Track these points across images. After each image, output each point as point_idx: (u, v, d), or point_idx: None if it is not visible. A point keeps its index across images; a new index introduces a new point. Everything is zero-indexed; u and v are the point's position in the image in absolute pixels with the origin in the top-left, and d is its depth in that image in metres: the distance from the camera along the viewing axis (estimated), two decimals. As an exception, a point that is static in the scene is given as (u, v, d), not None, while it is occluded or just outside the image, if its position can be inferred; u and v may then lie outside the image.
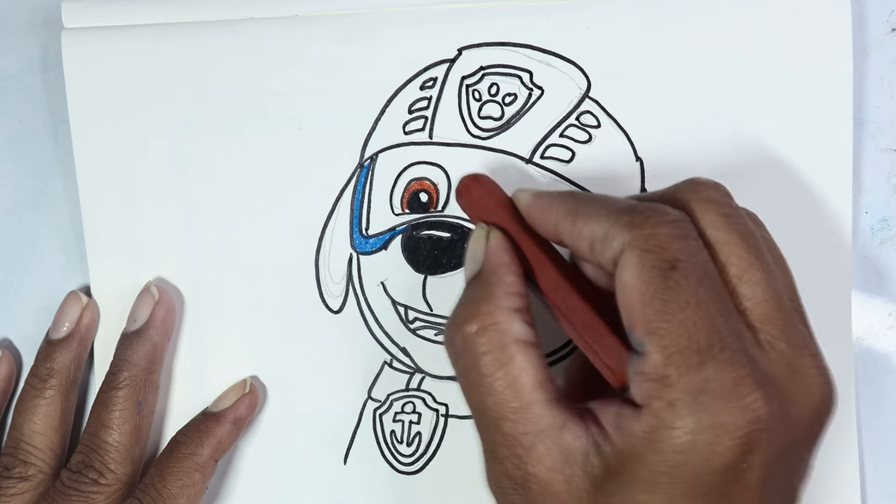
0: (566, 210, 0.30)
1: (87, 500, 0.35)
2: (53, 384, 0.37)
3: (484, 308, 0.29)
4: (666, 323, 0.26)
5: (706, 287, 0.26)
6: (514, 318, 0.29)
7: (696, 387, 0.25)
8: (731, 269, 0.28)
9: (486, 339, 0.29)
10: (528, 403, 0.28)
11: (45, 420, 0.37)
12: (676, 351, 0.26)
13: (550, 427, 0.28)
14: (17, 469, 0.36)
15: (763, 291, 0.27)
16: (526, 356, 0.29)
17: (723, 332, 0.26)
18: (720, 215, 0.28)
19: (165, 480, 0.35)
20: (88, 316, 0.38)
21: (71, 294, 0.38)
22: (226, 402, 0.37)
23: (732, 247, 0.28)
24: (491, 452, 0.29)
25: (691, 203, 0.29)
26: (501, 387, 0.28)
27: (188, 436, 0.37)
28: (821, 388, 0.27)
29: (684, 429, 0.25)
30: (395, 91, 0.38)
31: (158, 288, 0.38)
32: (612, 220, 0.28)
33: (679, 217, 0.28)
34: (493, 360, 0.29)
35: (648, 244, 0.27)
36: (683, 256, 0.27)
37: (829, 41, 0.37)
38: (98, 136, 0.38)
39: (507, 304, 0.30)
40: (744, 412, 0.25)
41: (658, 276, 0.26)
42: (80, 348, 0.38)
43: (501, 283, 0.30)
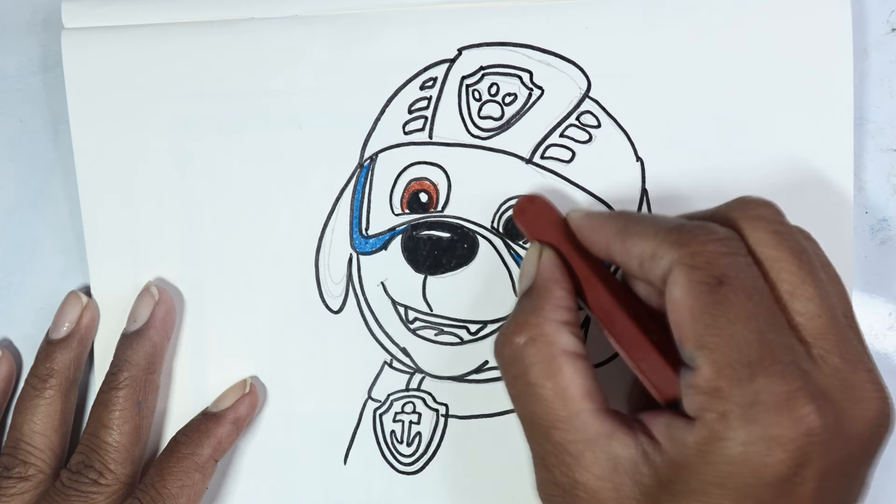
0: (616, 229, 0.31)
1: (87, 500, 0.35)
2: (53, 384, 0.37)
3: (533, 320, 0.31)
4: (716, 337, 0.26)
5: (755, 301, 0.27)
6: (562, 331, 0.30)
7: (748, 399, 0.26)
8: (782, 285, 0.28)
9: (534, 350, 0.30)
10: (576, 412, 0.29)
11: (45, 420, 0.37)
12: (727, 364, 0.26)
13: (599, 436, 0.28)
14: (17, 469, 0.36)
15: (815, 307, 0.28)
16: (574, 367, 0.29)
17: (774, 345, 0.26)
18: (771, 232, 0.29)
19: (165, 480, 0.35)
20: (88, 316, 0.38)
21: (71, 294, 0.38)
22: (226, 402, 0.37)
23: (783, 263, 0.28)
24: (539, 460, 0.30)
25: (741, 221, 0.29)
26: (550, 396, 0.29)
27: (188, 436, 0.37)
28: (877, 404, 0.27)
29: (736, 440, 0.26)
30: (394, 91, 0.38)
31: (158, 288, 0.38)
32: (661, 238, 0.29)
33: (726, 234, 0.28)
34: (541, 371, 0.30)
35: (696, 261, 0.27)
36: (731, 272, 0.27)
37: (829, 41, 0.37)
38: (98, 136, 0.38)
39: (555, 316, 0.31)
40: (796, 425, 0.25)
41: (706, 291, 0.27)
42: (80, 348, 0.38)
43: (551, 297, 0.31)
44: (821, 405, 0.26)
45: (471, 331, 0.38)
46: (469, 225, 0.37)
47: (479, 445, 0.38)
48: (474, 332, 0.38)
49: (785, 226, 0.29)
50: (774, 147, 0.37)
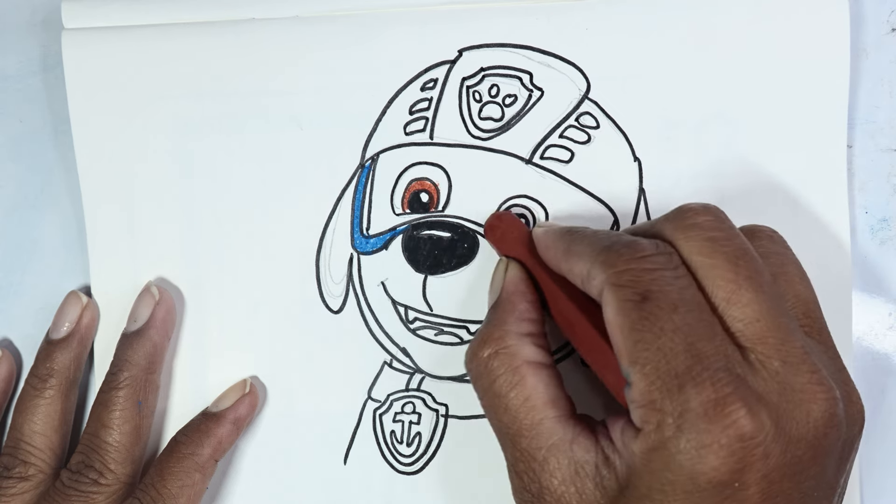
0: (563, 248, 0.32)
1: (87, 500, 0.35)
2: (53, 384, 0.37)
3: (496, 333, 0.32)
4: (644, 352, 0.27)
5: (682, 313, 0.27)
6: (524, 342, 0.31)
7: (679, 408, 0.26)
8: (718, 292, 0.28)
9: (498, 363, 0.31)
10: (539, 420, 0.30)
11: (45, 420, 0.37)
12: (657, 377, 0.27)
13: (561, 441, 0.29)
14: (17, 469, 0.36)
15: (753, 311, 0.28)
16: (537, 376, 0.31)
17: (703, 353, 0.27)
18: (704, 240, 0.29)
19: (165, 480, 0.35)
20: (88, 316, 0.38)
21: (71, 294, 0.38)
22: (226, 402, 0.37)
23: (718, 270, 0.28)
24: (511, 468, 0.31)
25: (675, 231, 0.30)
26: (515, 405, 0.30)
27: (188, 436, 0.37)
28: (822, 405, 0.27)
29: (672, 449, 0.26)
30: (395, 92, 0.38)
31: (159, 288, 0.38)
32: (593, 259, 0.30)
33: (653, 250, 0.29)
34: (505, 381, 0.31)
35: (621, 280, 0.28)
36: (655, 287, 0.28)
37: (827, 41, 0.37)
38: (99, 136, 0.38)
39: (518, 329, 0.32)
40: (727, 430, 0.26)
41: (632, 308, 0.28)
42: (80, 348, 0.38)
43: (514, 309, 0.32)
44: (754, 409, 0.26)
45: (471, 331, 0.38)
46: (469, 225, 0.37)
47: (479, 445, 0.38)
48: (474, 333, 0.38)
49: (723, 231, 0.29)
50: (772, 147, 0.37)
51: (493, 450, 0.38)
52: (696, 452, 0.26)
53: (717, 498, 0.26)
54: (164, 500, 0.35)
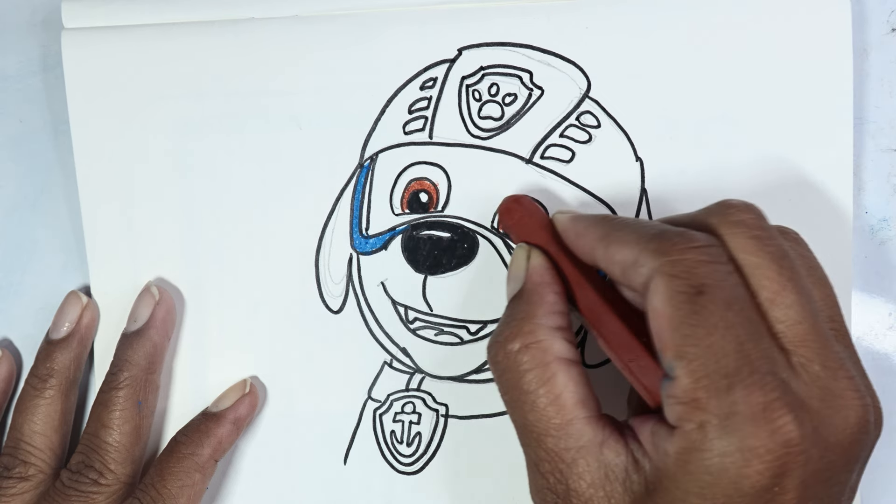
0: (599, 234, 0.30)
1: (87, 500, 0.35)
2: (53, 384, 0.37)
3: (526, 327, 0.30)
4: (694, 347, 0.26)
5: (735, 311, 0.27)
6: (555, 337, 0.30)
7: (726, 410, 0.26)
8: (762, 292, 0.28)
9: (528, 357, 0.30)
10: (569, 420, 0.29)
11: (45, 420, 0.37)
12: (705, 374, 0.26)
13: (591, 444, 0.28)
14: (17, 469, 0.36)
15: (796, 314, 0.27)
16: (568, 374, 0.30)
17: (752, 355, 0.26)
18: (750, 238, 0.28)
19: (165, 480, 0.35)
20: (88, 316, 0.38)
21: (71, 294, 0.38)
22: (226, 402, 0.37)
23: (764, 270, 0.28)
24: (534, 466, 0.30)
25: (721, 227, 0.29)
26: (544, 404, 0.29)
27: (188, 436, 0.37)
28: (857, 412, 0.27)
29: (714, 451, 0.26)
30: (395, 91, 0.38)
31: (159, 288, 0.38)
32: (642, 246, 0.28)
33: (707, 242, 0.28)
34: (535, 378, 0.30)
35: (675, 270, 0.27)
36: (711, 281, 0.27)
37: (829, 41, 0.37)
38: (98, 136, 0.38)
39: (548, 322, 0.31)
40: (774, 436, 0.25)
41: (685, 301, 0.27)
42: (80, 348, 0.38)
43: (543, 301, 0.31)
44: (799, 415, 0.26)
45: (471, 331, 0.38)
46: (469, 225, 0.37)
47: (479, 445, 0.38)
48: (474, 332, 0.38)
49: (766, 230, 0.29)
50: (774, 147, 0.37)
51: (493, 450, 0.38)
52: (742, 456, 0.25)
53: (756, 502, 0.26)
54: (164, 500, 0.35)
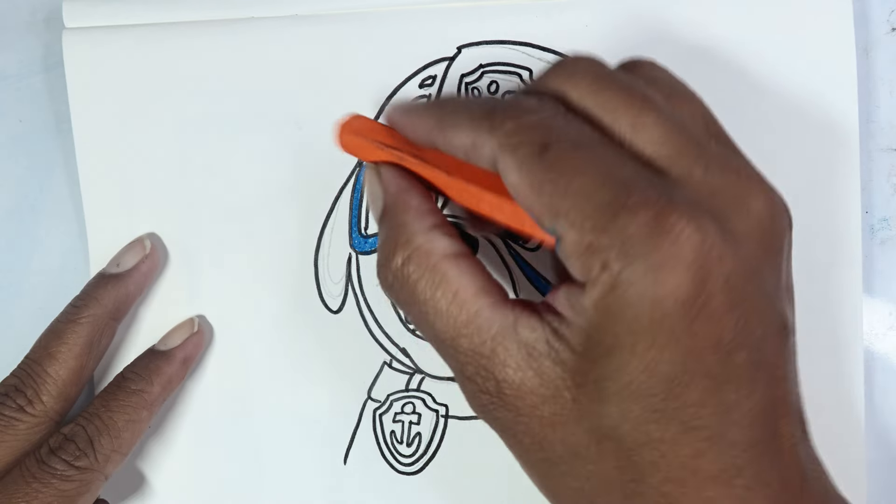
0: (433, 123, 0.29)
1: (6, 425, 0.34)
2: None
3: (401, 238, 0.29)
4: (562, 199, 0.25)
5: (586, 149, 0.26)
6: (434, 236, 0.29)
7: (619, 238, 0.24)
8: (618, 124, 0.27)
9: (414, 266, 0.28)
10: (475, 312, 0.27)
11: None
12: (584, 217, 0.25)
13: (504, 328, 0.27)
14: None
15: (661, 132, 0.26)
16: (458, 268, 0.28)
17: (623, 179, 0.25)
18: (593, 80, 0.27)
19: (112, 412, 0.35)
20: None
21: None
22: (174, 340, 0.37)
23: (613, 103, 0.27)
24: (460, 374, 0.28)
25: (560, 83, 0.28)
26: (444, 305, 0.28)
27: (137, 373, 0.36)
28: (758, 199, 0.26)
29: (625, 283, 0.24)
30: (394, 89, 0.38)
31: (152, 243, 0.38)
32: (475, 127, 0.27)
33: (538, 103, 0.27)
34: (427, 284, 0.28)
35: (514, 140, 0.26)
36: (552, 134, 0.26)
37: (831, 41, 0.37)
38: (99, 135, 0.38)
39: (421, 225, 0.29)
40: (676, 244, 0.24)
41: (534, 163, 0.26)
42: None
43: (408, 207, 0.29)
44: (695, 216, 0.24)
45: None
46: (469, 224, 0.37)
47: (479, 446, 0.38)
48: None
49: (606, 69, 0.28)
50: (778, 147, 0.37)
51: (493, 450, 0.38)
52: (654, 276, 0.24)
53: (687, 319, 0.24)
54: (109, 431, 0.34)
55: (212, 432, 0.39)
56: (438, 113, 0.29)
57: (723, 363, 0.25)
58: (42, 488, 0.33)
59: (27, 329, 0.39)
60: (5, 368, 0.36)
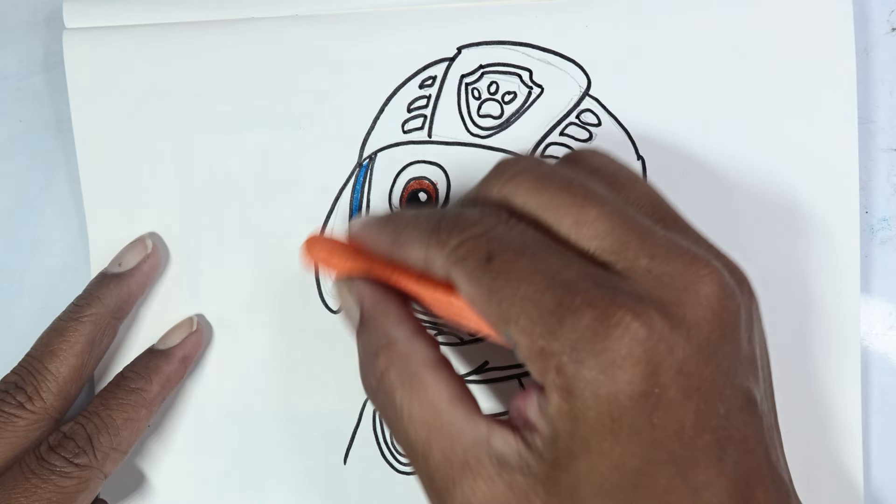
0: (389, 239, 0.30)
1: (6, 421, 0.34)
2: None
3: (382, 343, 0.29)
4: (511, 307, 0.26)
5: (530, 254, 0.26)
6: (413, 342, 0.29)
7: (568, 342, 0.25)
8: (563, 222, 0.27)
9: (394, 372, 0.28)
10: (449, 422, 0.27)
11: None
12: (533, 324, 0.25)
13: (476, 439, 0.27)
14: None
15: (604, 224, 0.27)
16: (436, 377, 0.28)
17: (567, 281, 0.25)
18: (533, 182, 0.28)
19: (111, 410, 0.35)
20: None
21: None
22: (173, 339, 0.37)
23: (555, 201, 0.27)
24: (430, 488, 0.28)
25: (503, 187, 0.29)
26: (418, 413, 0.28)
27: (136, 371, 0.36)
28: (706, 281, 0.26)
29: (581, 384, 0.24)
30: (394, 90, 0.38)
31: (153, 243, 0.38)
32: (425, 243, 0.28)
33: (479, 215, 0.28)
34: (405, 391, 0.28)
35: (460, 254, 0.27)
36: (494, 244, 0.26)
37: (830, 40, 0.37)
38: (100, 135, 0.38)
39: (401, 331, 0.29)
40: (621, 341, 0.24)
41: (481, 274, 0.26)
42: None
43: (387, 314, 0.30)
44: (639, 310, 0.25)
45: (471, 330, 0.38)
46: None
47: (479, 446, 0.38)
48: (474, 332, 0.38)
49: (545, 168, 0.28)
50: (776, 146, 0.37)
51: (492, 450, 0.38)
52: (605, 375, 0.24)
53: (644, 412, 0.24)
54: (108, 429, 0.34)
55: (212, 432, 0.39)
56: (393, 229, 0.30)
57: (687, 447, 0.25)
58: (41, 484, 0.33)
59: (27, 329, 0.40)
60: (5, 368, 0.36)
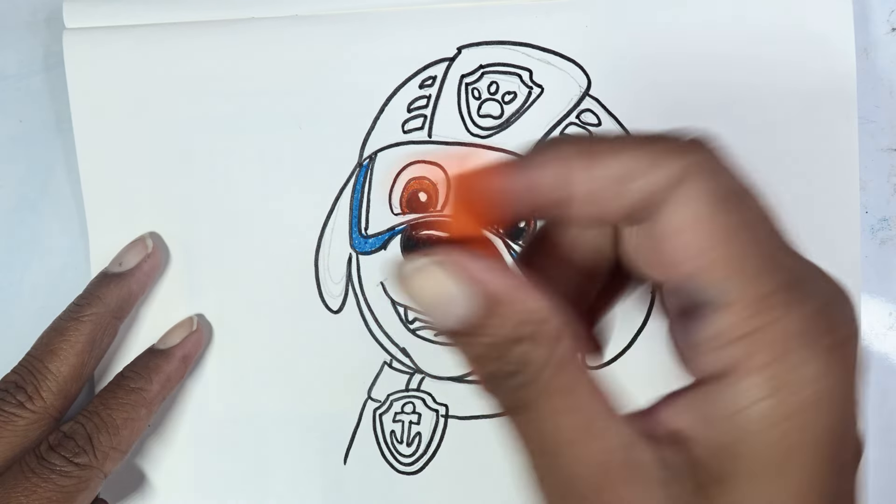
0: (579, 151, 0.21)
1: (6, 420, 0.34)
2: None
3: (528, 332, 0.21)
4: (756, 258, 0.20)
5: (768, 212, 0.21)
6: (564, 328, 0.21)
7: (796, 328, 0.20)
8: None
9: (551, 371, 0.21)
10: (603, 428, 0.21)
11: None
12: (769, 292, 0.20)
13: (620, 446, 0.21)
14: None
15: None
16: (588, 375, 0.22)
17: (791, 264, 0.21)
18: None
19: (112, 410, 0.35)
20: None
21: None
22: (174, 339, 0.37)
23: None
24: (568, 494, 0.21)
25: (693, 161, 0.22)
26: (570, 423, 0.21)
27: (136, 371, 0.36)
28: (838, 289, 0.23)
29: (804, 379, 0.19)
30: (394, 90, 0.38)
31: (154, 242, 0.38)
32: (653, 143, 0.21)
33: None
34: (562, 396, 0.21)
35: (718, 166, 0.21)
36: (748, 183, 0.21)
37: (830, 41, 0.37)
38: (100, 135, 0.38)
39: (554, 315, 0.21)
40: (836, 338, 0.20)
41: (740, 199, 0.21)
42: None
43: (528, 293, 0.21)
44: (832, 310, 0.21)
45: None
46: (471, 224, 0.37)
47: (479, 446, 0.38)
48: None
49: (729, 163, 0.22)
50: (777, 146, 0.37)
51: (493, 450, 0.38)
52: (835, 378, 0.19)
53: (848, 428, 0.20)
54: (108, 429, 0.34)
55: (212, 432, 0.39)
56: (589, 141, 0.22)
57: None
58: (41, 483, 0.33)
59: (27, 329, 0.39)
60: (5, 368, 0.36)
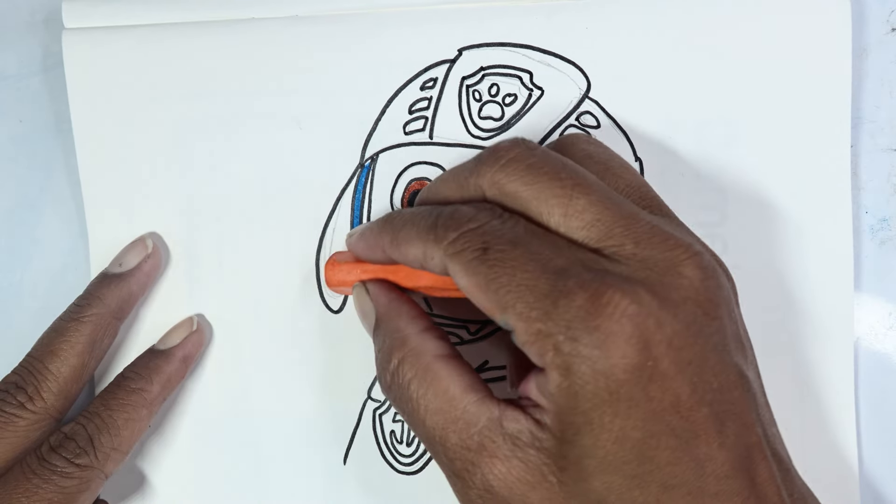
0: (388, 241, 0.32)
1: (7, 421, 0.34)
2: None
3: (396, 341, 0.31)
4: (507, 294, 0.27)
5: (524, 244, 0.28)
6: (425, 338, 0.31)
7: (563, 322, 0.26)
8: (553, 211, 0.29)
9: (408, 367, 0.30)
10: (463, 408, 0.29)
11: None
12: (529, 308, 0.27)
13: (490, 422, 0.28)
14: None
15: (592, 214, 0.28)
16: (448, 368, 0.30)
17: (559, 267, 0.27)
18: (523, 171, 0.29)
19: (112, 411, 0.35)
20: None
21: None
22: (174, 339, 0.37)
23: (545, 193, 0.29)
24: (449, 472, 0.30)
25: (495, 175, 0.30)
26: (434, 403, 0.29)
27: (137, 372, 0.36)
28: (689, 263, 0.28)
29: (578, 361, 0.26)
30: (395, 91, 0.38)
31: (154, 243, 0.38)
32: (423, 241, 0.30)
33: (473, 211, 0.29)
34: (420, 383, 0.30)
35: (457, 248, 0.29)
36: (490, 237, 0.28)
37: (828, 41, 0.37)
38: (99, 135, 0.38)
39: (413, 328, 0.31)
40: (612, 318, 0.26)
41: (477, 263, 0.28)
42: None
43: (400, 313, 0.32)
44: (627, 289, 0.26)
45: (470, 331, 0.38)
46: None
47: (479, 445, 0.38)
48: (474, 332, 0.38)
49: (537, 155, 0.30)
50: (773, 147, 0.37)
51: (493, 450, 0.38)
52: (600, 351, 0.26)
53: (640, 384, 0.26)
54: (109, 429, 0.34)
55: (212, 432, 0.39)
56: (391, 229, 0.32)
57: (686, 420, 0.26)
58: (42, 485, 0.33)
59: (27, 329, 0.39)
60: (6, 368, 0.36)
